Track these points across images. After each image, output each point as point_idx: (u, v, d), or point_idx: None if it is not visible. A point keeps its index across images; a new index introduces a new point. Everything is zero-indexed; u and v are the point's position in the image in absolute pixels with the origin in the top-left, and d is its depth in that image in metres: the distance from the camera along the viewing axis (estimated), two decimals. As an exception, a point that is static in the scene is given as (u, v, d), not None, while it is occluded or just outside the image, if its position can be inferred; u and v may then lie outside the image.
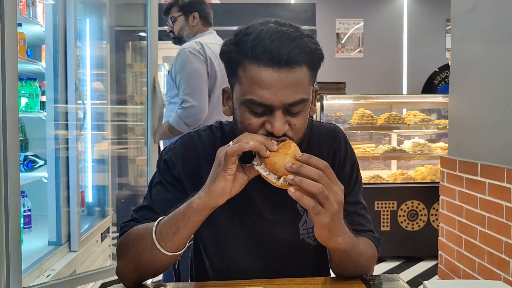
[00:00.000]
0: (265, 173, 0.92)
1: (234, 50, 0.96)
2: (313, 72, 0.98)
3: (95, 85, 3.56)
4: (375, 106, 4.31)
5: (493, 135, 2.50)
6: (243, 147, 0.89)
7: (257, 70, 0.93)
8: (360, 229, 1.12)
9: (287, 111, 0.96)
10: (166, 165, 1.12)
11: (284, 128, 0.95)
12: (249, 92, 0.94)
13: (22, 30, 2.44)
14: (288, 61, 0.91)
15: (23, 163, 2.50)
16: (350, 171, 1.17)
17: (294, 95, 0.94)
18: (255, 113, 0.96)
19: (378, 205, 3.77)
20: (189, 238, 0.97)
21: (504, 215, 2.33)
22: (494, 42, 2.53)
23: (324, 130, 1.18)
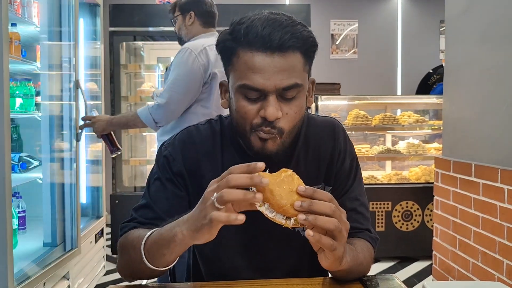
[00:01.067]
0: (271, 215, 0.84)
1: (228, 38, 0.98)
2: (307, 59, 0.99)
3: (89, 85, 3.55)
4: (370, 107, 4.32)
5: (487, 136, 2.52)
6: (230, 220, 0.82)
7: (250, 56, 0.94)
8: (358, 227, 1.12)
9: (281, 97, 0.97)
10: (166, 161, 1.11)
11: (277, 114, 0.96)
12: (243, 77, 0.96)
13: (17, 30, 2.43)
14: (280, 46, 0.93)
15: (18, 164, 2.48)
16: (350, 166, 1.16)
17: (288, 79, 0.95)
18: (249, 99, 0.97)
19: (372, 205, 3.78)
20: (177, 257, 0.96)
21: (498, 215, 2.35)
22: (488, 43, 2.55)
23: (321, 123, 1.17)
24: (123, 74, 4.08)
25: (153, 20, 3.88)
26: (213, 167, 1.11)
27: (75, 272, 2.74)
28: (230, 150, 1.13)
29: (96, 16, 3.47)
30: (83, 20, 3.40)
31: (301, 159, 1.13)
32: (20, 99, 2.50)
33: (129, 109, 4.22)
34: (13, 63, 2.35)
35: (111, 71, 3.95)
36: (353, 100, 4.17)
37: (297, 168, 1.11)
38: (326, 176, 1.14)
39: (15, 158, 2.50)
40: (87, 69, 3.48)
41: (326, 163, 1.14)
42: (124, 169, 4.04)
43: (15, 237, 2.43)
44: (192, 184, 1.11)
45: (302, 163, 1.13)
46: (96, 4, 3.43)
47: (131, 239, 1.02)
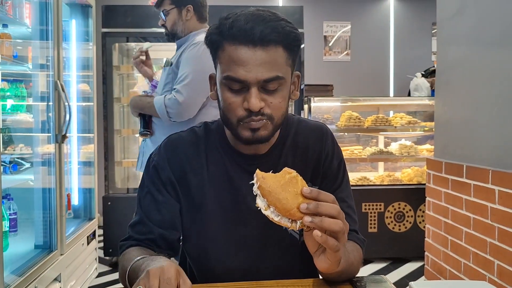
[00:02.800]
0: (277, 219, 0.84)
1: (215, 32, 1.03)
2: (289, 53, 1.02)
3: (81, 86, 3.54)
4: (362, 108, 4.34)
5: (478, 137, 2.54)
6: None
7: (233, 49, 0.99)
8: None
9: (263, 89, 1.00)
10: (154, 170, 1.14)
11: (259, 104, 0.99)
12: (227, 69, 1.00)
13: (8, 31, 2.41)
14: (262, 40, 0.97)
15: (9, 166, 2.47)
16: (337, 168, 1.19)
17: (269, 72, 0.98)
18: (233, 90, 1.01)
19: (365, 206, 3.79)
20: None
21: (489, 216, 2.36)
22: (480, 45, 2.57)
23: (311, 126, 1.21)
24: (116, 76, 4.06)
25: (146, 21, 3.87)
26: (198, 171, 1.14)
27: (67, 274, 2.72)
28: (215, 151, 1.15)
29: (89, 17, 3.46)
30: (75, 21, 3.39)
31: (289, 159, 1.16)
32: (12, 100, 2.49)
33: (121, 110, 4.20)
34: (5, 64, 2.34)
35: (104, 72, 3.93)
36: (346, 101, 4.18)
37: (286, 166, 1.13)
38: (313, 177, 1.17)
39: (6, 160, 2.48)
40: (80, 70, 3.46)
41: (313, 164, 1.17)
42: (117, 170, 4.02)
43: (6, 239, 2.42)
44: (182, 191, 1.14)
45: (290, 163, 1.15)
46: (89, 5, 3.42)
47: (123, 260, 1.05)
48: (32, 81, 2.75)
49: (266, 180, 0.84)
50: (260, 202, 0.86)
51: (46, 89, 2.68)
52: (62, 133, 2.61)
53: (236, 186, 1.13)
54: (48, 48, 2.63)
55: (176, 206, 1.13)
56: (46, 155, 2.66)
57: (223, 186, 1.13)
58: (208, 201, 1.13)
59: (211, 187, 1.13)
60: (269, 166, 1.11)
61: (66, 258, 2.71)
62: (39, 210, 2.63)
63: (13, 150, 2.83)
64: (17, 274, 2.15)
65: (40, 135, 2.69)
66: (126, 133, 4.17)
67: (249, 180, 1.10)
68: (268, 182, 0.84)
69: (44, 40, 2.62)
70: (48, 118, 2.67)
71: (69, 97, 2.82)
